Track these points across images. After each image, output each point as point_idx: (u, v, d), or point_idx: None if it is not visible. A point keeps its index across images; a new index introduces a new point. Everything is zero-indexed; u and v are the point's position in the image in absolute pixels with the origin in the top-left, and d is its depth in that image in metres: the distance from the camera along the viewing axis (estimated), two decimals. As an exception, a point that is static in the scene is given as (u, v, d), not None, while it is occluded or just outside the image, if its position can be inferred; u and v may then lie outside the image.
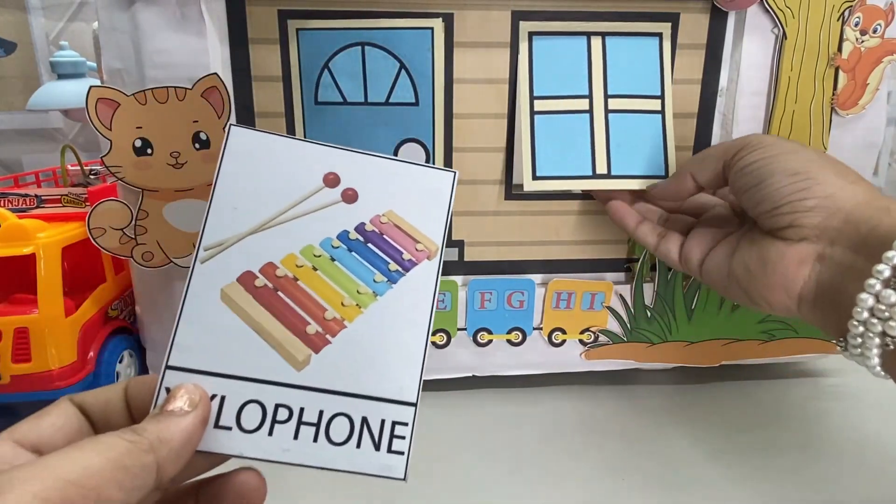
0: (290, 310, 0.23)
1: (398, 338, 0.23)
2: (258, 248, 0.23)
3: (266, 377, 0.22)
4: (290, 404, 0.21)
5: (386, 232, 0.24)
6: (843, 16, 0.37)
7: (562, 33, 0.37)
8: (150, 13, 0.33)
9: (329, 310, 0.23)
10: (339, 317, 0.23)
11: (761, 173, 0.30)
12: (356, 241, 0.24)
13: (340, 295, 0.23)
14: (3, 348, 0.33)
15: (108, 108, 0.33)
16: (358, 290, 0.23)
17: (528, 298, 0.41)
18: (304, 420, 0.21)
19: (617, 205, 0.38)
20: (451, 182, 0.25)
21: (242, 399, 0.21)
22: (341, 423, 0.22)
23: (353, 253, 0.24)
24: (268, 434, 0.21)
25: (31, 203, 0.43)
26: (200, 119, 0.34)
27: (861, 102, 0.39)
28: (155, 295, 0.39)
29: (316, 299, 0.23)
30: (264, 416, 0.21)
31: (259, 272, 0.23)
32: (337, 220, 0.24)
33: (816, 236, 0.28)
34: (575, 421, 0.40)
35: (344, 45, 0.35)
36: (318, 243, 0.24)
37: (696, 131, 0.39)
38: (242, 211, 0.23)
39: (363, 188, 0.24)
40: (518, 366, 0.43)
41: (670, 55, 0.38)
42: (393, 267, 0.24)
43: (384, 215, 0.24)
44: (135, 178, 0.35)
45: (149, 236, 0.36)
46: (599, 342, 0.43)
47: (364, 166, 0.24)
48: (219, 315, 0.22)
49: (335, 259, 0.24)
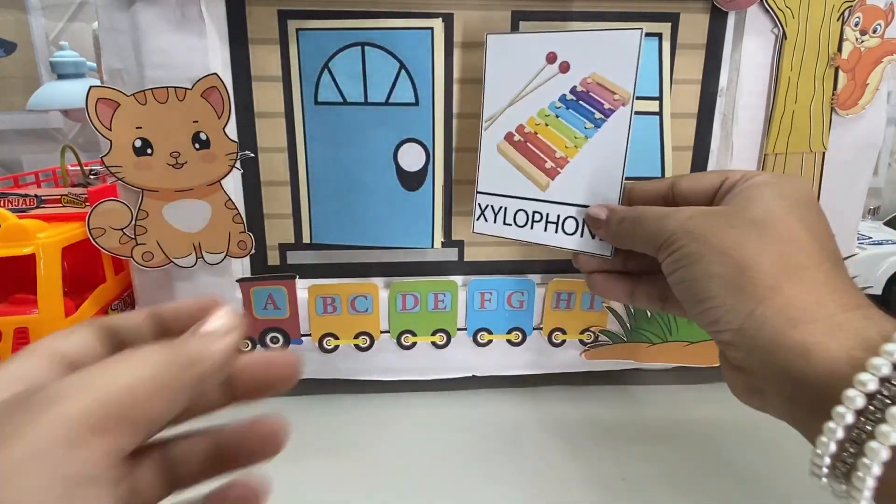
0: (534, 154, 0.33)
1: (604, 166, 0.32)
2: (513, 116, 0.34)
3: (525, 195, 0.34)
4: (540, 210, 0.33)
5: (591, 90, 0.31)
6: (843, 16, 0.37)
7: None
8: (150, 13, 0.33)
9: (558, 151, 0.33)
10: (564, 156, 0.33)
11: (679, 289, 0.26)
12: (571, 101, 0.32)
13: (563, 140, 0.33)
14: (3, 348, 0.33)
15: (108, 108, 0.33)
16: (574, 135, 0.32)
17: (528, 298, 0.41)
18: (549, 220, 0.33)
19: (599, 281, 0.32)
20: (637, 38, 0.30)
21: (516, 208, 0.34)
22: (571, 222, 0.33)
23: (570, 110, 0.32)
24: (530, 228, 0.34)
25: (31, 203, 0.43)
26: (200, 119, 0.34)
27: (861, 102, 0.39)
28: (155, 295, 0.39)
29: (549, 145, 0.33)
30: (527, 218, 0.34)
31: (515, 131, 0.34)
32: (558, 87, 0.32)
33: (745, 370, 0.24)
34: (575, 421, 0.40)
35: (344, 45, 0.35)
36: (547, 106, 0.33)
37: (696, 131, 0.39)
38: (502, 92, 0.34)
39: (573, 59, 0.32)
40: (518, 366, 0.43)
41: (669, 56, 0.38)
42: (598, 116, 0.32)
43: (590, 77, 0.31)
44: (135, 178, 0.35)
45: (149, 236, 0.36)
46: (599, 342, 0.43)
47: (572, 41, 0.32)
48: (497, 160, 0.34)
49: (559, 116, 0.33)
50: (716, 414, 0.41)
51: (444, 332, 0.42)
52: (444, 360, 0.42)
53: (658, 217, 0.27)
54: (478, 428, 0.39)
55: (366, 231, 0.38)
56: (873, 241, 0.57)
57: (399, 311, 0.41)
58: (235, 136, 0.36)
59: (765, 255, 0.23)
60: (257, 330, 0.40)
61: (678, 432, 0.39)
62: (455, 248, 0.40)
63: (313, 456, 0.36)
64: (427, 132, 0.37)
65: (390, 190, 0.37)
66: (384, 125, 0.36)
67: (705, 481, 0.34)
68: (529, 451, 0.37)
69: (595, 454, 0.37)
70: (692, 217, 0.26)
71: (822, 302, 0.22)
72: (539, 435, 0.39)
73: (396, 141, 0.37)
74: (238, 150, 0.36)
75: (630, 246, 0.29)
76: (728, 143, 0.39)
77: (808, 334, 0.21)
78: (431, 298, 0.41)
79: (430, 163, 0.37)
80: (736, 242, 0.24)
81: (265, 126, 0.37)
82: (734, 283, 0.23)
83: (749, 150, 0.39)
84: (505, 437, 0.38)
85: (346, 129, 0.37)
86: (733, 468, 0.35)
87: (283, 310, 0.40)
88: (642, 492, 0.33)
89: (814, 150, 0.40)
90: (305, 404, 0.42)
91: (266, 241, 0.39)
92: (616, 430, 0.39)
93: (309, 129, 0.37)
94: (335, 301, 0.40)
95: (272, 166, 0.38)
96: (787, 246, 0.23)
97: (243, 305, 0.39)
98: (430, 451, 0.37)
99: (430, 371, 0.43)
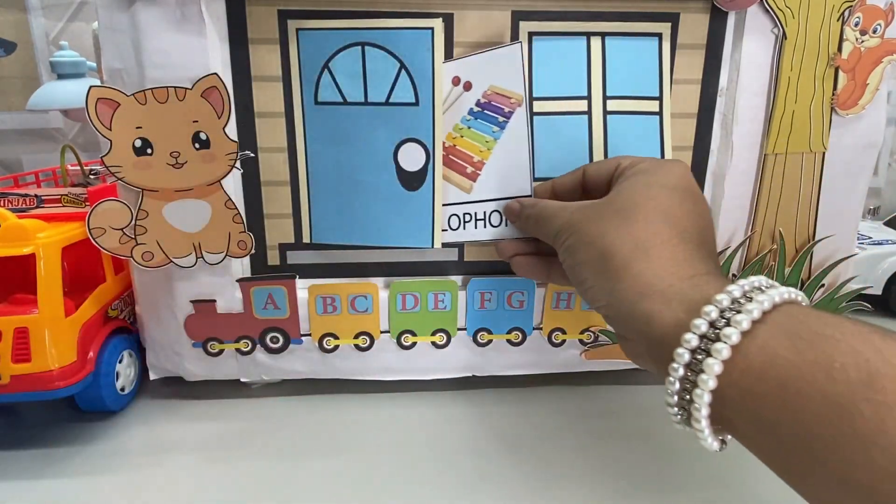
0: (456, 163, 0.38)
1: (514, 159, 0.37)
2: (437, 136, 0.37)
3: (454, 201, 0.38)
4: (469, 211, 0.38)
5: (492, 99, 0.37)
6: (843, 16, 0.37)
7: (561, 34, 0.37)
8: (150, 13, 0.33)
9: (475, 156, 0.37)
10: (481, 159, 0.38)
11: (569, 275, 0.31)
12: (478, 112, 0.37)
13: (477, 146, 0.37)
14: (3, 348, 0.33)
15: (108, 108, 0.33)
16: (486, 140, 0.37)
17: (528, 298, 0.41)
18: (478, 218, 0.38)
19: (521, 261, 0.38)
20: (519, 51, 0.36)
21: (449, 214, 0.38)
22: (496, 216, 0.38)
23: (478, 119, 0.37)
24: (463, 230, 0.38)
25: (31, 203, 0.42)
26: (200, 119, 0.34)
27: (861, 102, 0.39)
28: (155, 295, 0.39)
29: (467, 153, 0.37)
30: (459, 221, 0.38)
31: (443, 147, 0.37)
32: (466, 103, 0.37)
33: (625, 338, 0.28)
34: (575, 421, 0.40)
35: (344, 45, 0.35)
36: (459, 121, 0.37)
37: (696, 131, 0.39)
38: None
39: (473, 78, 0.36)
40: (518, 366, 0.43)
41: (669, 56, 0.38)
42: (501, 119, 0.37)
43: (489, 89, 0.37)
44: (135, 178, 0.35)
45: (149, 236, 0.36)
46: (599, 342, 0.43)
47: (470, 64, 0.36)
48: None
49: (470, 126, 0.37)
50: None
51: (444, 332, 0.42)
52: (444, 360, 0.42)
53: (552, 213, 0.32)
54: (477, 428, 0.39)
55: (366, 231, 0.38)
56: (873, 241, 0.57)
57: (399, 311, 0.41)
58: (235, 136, 0.36)
59: (620, 240, 0.27)
60: (257, 330, 0.40)
61: (678, 432, 0.39)
62: (455, 248, 0.40)
63: (313, 456, 0.36)
64: (427, 132, 0.37)
65: (390, 190, 0.37)
66: (384, 125, 0.36)
67: (706, 481, 0.34)
68: (529, 450, 0.37)
69: (595, 454, 0.37)
70: (574, 212, 0.30)
71: (663, 275, 0.26)
72: (539, 435, 0.39)
73: (396, 141, 0.37)
74: (238, 150, 0.36)
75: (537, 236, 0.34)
76: (728, 143, 0.39)
77: (650, 304, 0.25)
78: (431, 298, 0.41)
79: (430, 163, 0.37)
80: (601, 232, 0.28)
81: (265, 126, 0.37)
82: (597, 267, 0.28)
83: (749, 150, 0.39)
84: (505, 437, 0.38)
85: (346, 129, 0.37)
86: (734, 468, 0.35)
87: (283, 310, 0.40)
88: (642, 492, 0.33)
89: (814, 150, 0.40)
90: (305, 404, 0.42)
91: (266, 240, 0.39)
92: (616, 430, 0.39)
93: (309, 129, 0.37)
94: (335, 301, 0.40)
95: (272, 166, 0.38)
96: (641, 229, 0.27)
97: (243, 305, 0.39)
98: (430, 452, 0.37)
99: (430, 371, 0.43)
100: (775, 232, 0.41)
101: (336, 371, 0.42)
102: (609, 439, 0.38)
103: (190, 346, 0.40)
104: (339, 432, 0.39)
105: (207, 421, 0.40)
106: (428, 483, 0.34)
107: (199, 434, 0.38)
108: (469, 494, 0.33)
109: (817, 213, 0.41)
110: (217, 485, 0.34)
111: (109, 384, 0.38)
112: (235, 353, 0.41)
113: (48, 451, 0.37)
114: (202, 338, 0.40)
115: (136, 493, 0.33)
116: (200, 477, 0.34)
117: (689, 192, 0.29)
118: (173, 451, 0.37)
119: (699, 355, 0.23)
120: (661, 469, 0.35)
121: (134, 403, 0.42)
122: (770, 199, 0.41)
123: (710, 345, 0.22)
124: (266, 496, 0.33)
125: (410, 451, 0.37)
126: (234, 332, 0.40)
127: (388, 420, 0.40)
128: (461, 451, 0.37)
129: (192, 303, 0.39)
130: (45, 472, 0.35)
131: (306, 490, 0.33)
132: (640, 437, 0.38)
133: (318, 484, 0.34)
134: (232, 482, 0.34)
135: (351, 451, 0.37)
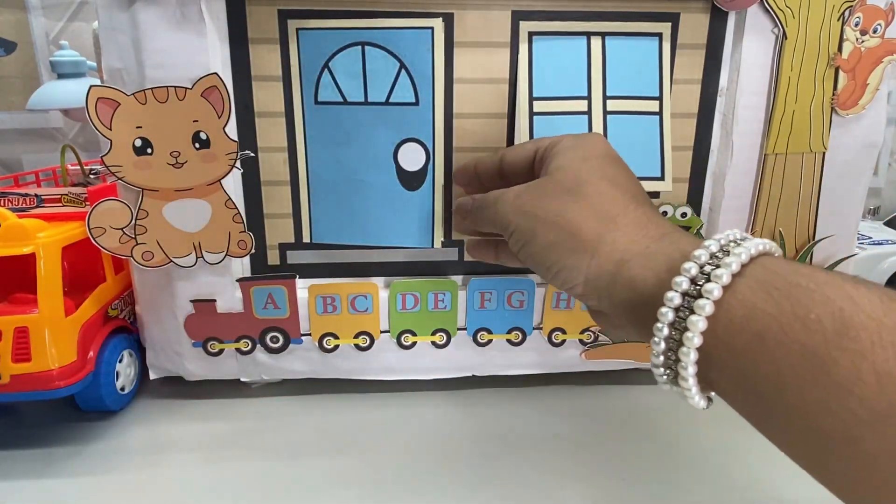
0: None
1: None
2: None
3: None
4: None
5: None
6: (843, 16, 0.37)
7: (562, 33, 0.37)
8: (150, 13, 0.33)
9: None
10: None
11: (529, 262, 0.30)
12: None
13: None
14: (3, 348, 0.33)
15: (108, 107, 0.33)
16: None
17: (528, 298, 0.41)
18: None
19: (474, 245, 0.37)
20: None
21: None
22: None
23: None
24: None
25: (31, 203, 0.42)
26: (200, 119, 0.34)
27: (861, 102, 0.39)
28: (155, 295, 0.39)
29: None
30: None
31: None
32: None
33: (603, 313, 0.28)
34: (575, 421, 0.40)
35: (344, 45, 0.35)
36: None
37: (696, 131, 0.39)
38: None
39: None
40: (518, 366, 0.43)
41: (669, 56, 0.38)
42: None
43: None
44: (135, 177, 0.35)
45: (149, 236, 0.36)
46: (599, 342, 0.43)
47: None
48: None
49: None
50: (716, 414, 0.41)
51: (444, 332, 0.42)
52: (444, 360, 0.42)
53: (492, 202, 0.31)
54: (478, 428, 0.39)
55: (366, 231, 0.38)
56: (873, 241, 0.57)
57: (399, 310, 0.41)
58: (235, 136, 0.36)
59: (582, 215, 0.27)
60: (257, 330, 0.40)
61: (678, 432, 0.39)
62: (455, 248, 0.40)
63: (313, 456, 0.36)
64: (427, 132, 0.37)
65: (390, 190, 0.37)
66: (384, 125, 0.36)
67: (706, 481, 0.34)
68: (529, 450, 0.37)
69: (595, 454, 0.37)
70: (519, 195, 0.30)
71: (636, 239, 0.26)
72: (539, 435, 0.39)
73: (396, 141, 0.37)
74: (238, 150, 0.36)
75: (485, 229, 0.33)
76: (728, 143, 0.39)
77: (630, 269, 0.25)
78: (431, 298, 0.41)
79: (430, 162, 0.37)
80: (559, 210, 0.28)
81: (265, 126, 0.37)
82: (568, 246, 0.27)
83: (749, 150, 0.39)
84: (505, 436, 0.38)
85: (346, 129, 0.37)
86: (734, 468, 0.35)
87: (283, 309, 0.40)
88: (642, 491, 0.33)
89: (814, 151, 0.40)
90: (305, 404, 0.42)
91: (266, 240, 0.39)
92: (616, 430, 0.39)
93: (309, 129, 0.37)
94: (335, 301, 0.40)
95: (272, 166, 0.38)
96: (598, 201, 0.27)
97: (243, 305, 0.39)
98: (430, 451, 0.37)
99: (430, 371, 0.43)
100: (775, 232, 0.41)
101: (336, 371, 0.42)
102: (609, 439, 0.38)
103: (190, 346, 0.40)
104: (339, 432, 0.39)
105: (207, 421, 0.40)
106: (428, 482, 0.34)
107: (199, 434, 0.38)
108: (469, 494, 0.33)
109: (817, 213, 0.41)
110: (217, 485, 0.34)
111: (109, 384, 0.38)
112: (235, 352, 0.41)
113: (48, 451, 0.37)
114: (202, 337, 0.40)
115: (136, 493, 0.33)
116: (200, 477, 0.34)
117: (618, 159, 0.30)
118: (173, 451, 0.37)
119: (682, 313, 0.23)
120: (661, 469, 0.35)
121: (134, 403, 0.42)
122: (770, 199, 0.41)
123: (692, 302, 0.22)
124: (266, 496, 0.33)
125: (410, 451, 0.37)
126: (234, 332, 0.40)
127: (388, 420, 0.40)
128: (461, 451, 0.37)
129: (192, 302, 0.39)
130: (45, 472, 0.35)
131: (306, 490, 0.33)
132: (640, 436, 0.38)
133: (319, 484, 0.34)
134: (232, 482, 0.34)
135: (351, 450, 0.37)
